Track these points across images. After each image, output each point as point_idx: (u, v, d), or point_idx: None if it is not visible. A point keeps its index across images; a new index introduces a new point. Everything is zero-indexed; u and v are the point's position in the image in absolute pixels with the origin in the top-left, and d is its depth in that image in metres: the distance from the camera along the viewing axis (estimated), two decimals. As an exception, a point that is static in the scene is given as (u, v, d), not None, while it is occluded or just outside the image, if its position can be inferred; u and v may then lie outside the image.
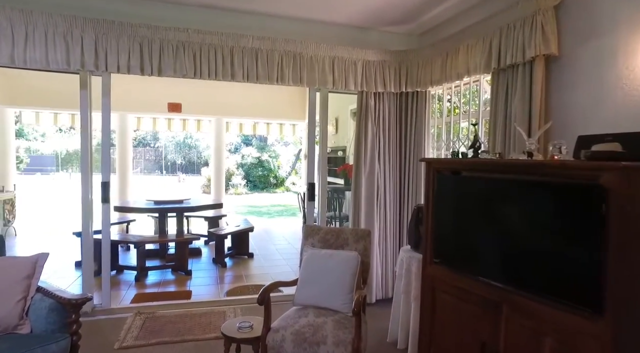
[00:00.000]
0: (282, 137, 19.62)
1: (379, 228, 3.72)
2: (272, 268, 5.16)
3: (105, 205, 3.35)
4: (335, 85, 3.53)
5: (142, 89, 7.12)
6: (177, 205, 5.03)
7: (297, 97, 8.10)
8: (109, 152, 3.37)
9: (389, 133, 3.75)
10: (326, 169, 3.89)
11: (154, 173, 30.26)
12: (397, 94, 3.75)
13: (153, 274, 4.70)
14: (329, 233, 2.76)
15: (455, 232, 2.05)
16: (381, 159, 3.72)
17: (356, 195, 3.69)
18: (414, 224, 2.83)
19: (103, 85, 3.24)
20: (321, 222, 3.85)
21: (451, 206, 2.07)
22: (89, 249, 3.30)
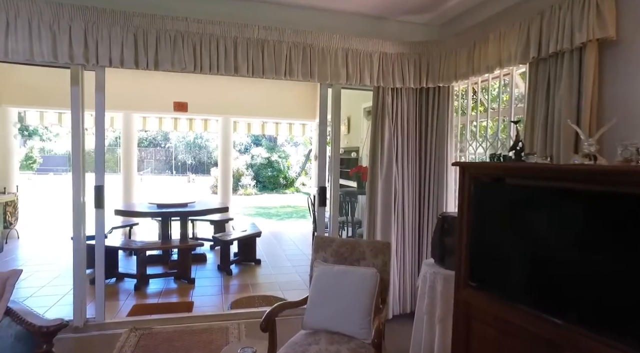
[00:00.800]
0: (292, 138, 19.38)
1: (397, 237, 3.39)
2: (280, 276, 4.86)
3: (99, 211, 3.09)
4: (349, 80, 3.21)
5: (147, 88, 6.90)
6: (181, 209, 4.76)
7: (306, 95, 7.80)
8: (103, 153, 3.10)
9: (407, 133, 3.41)
10: (338, 171, 3.57)
11: (164, 173, 30.32)
12: (417, 89, 3.42)
13: (154, 282, 4.44)
14: (343, 246, 2.44)
15: (498, 251, 1.71)
16: (399, 161, 3.39)
17: (372, 200, 3.37)
18: (439, 235, 2.50)
19: (97, 81, 2.98)
20: (332, 230, 3.53)
21: (493, 219, 1.73)
22: (81, 258, 3.04)
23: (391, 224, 3.33)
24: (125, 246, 4.23)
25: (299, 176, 22.79)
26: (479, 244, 1.78)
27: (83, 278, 3.06)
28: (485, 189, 1.74)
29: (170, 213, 4.80)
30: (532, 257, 1.57)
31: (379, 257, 2.36)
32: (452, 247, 2.40)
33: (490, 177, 1.73)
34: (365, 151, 5.55)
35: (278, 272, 5.06)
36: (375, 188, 3.36)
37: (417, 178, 3.47)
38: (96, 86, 2.99)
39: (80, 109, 2.94)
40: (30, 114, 7.53)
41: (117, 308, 3.74)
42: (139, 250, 4.24)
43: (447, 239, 2.44)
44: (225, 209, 5.11)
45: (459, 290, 1.88)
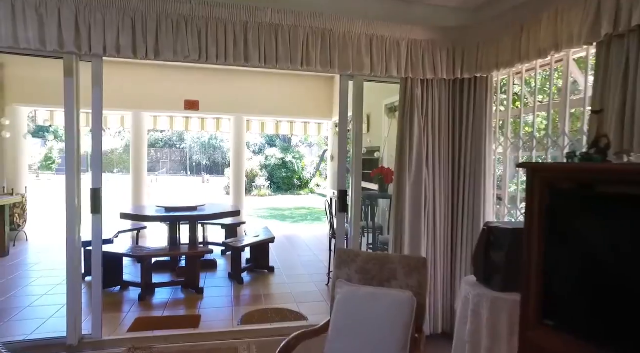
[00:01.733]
0: (306, 138, 19.06)
1: (427, 248, 3.00)
2: (295, 286, 4.51)
3: (96, 217, 2.79)
4: (373, 71, 2.84)
5: (157, 86, 6.66)
6: (190, 213, 4.46)
7: (323, 92, 7.45)
8: (100, 153, 2.81)
9: (439, 130, 3.02)
10: (360, 174, 3.19)
11: (179, 174, 30.44)
12: (450, 81, 3.02)
13: (160, 292, 4.14)
14: (370, 262, 2.07)
15: (587, 282, 1.30)
16: (429, 162, 3.00)
17: (398, 207, 2.98)
18: (483, 250, 2.10)
19: (93, 74, 2.68)
20: (353, 239, 3.16)
21: (578, 239, 1.32)
22: (75, 268, 2.74)
23: (421, 234, 2.94)
24: (129, 253, 3.95)
25: (313, 177, 22.48)
26: (558, 270, 1.38)
27: (77, 291, 2.76)
28: (565, 198, 1.34)
29: (178, 218, 4.51)
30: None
31: (414, 276, 1.98)
32: (501, 264, 2.01)
33: (572, 182, 1.33)
34: (386, 151, 5.16)
35: (293, 281, 4.71)
36: (402, 194, 2.97)
37: (450, 182, 3.07)
38: (93, 79, 2.69)
39: (75, 104, 2.64)
40: (41, 113, 7.40)
41: (118, 320, 3.45)
42: (143, 257, 3.94)
43: (494, 255, 2.04)
44: (236, 213, 4.80)
45: (528, 329, 1.48)
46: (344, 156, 3.21)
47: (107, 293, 4.06)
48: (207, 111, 6.99)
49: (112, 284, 4.16)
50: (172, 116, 7.22)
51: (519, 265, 1.97)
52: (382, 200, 5.09)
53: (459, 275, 2.98)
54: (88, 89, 2.64)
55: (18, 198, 5.81)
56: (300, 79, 7.29)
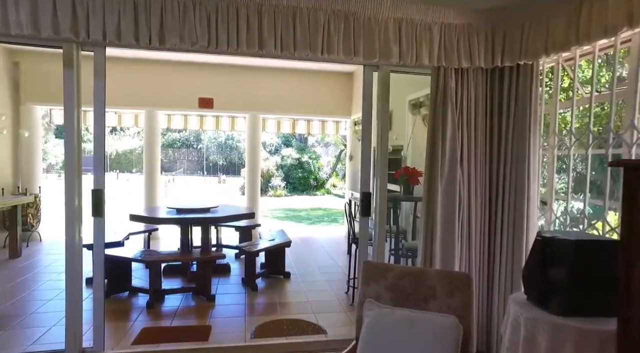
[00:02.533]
0: (324, 137, 18.78)
1: (461, 259, 2.67)
2: (312, 294, 4.22)
3: (98, 220, 2.57)
4: (402, 59, 2.53)
5: (170, 83, 6.49)
6: (202, 215, 4.23)
7: (341, 89, 7.16)
8: (103, 151, 2.59)
9: (475, 126, 2.69)
10: (386, 175, 2.89)
11: (196, 174, 30.61)
12: (488, 70, 2.69)
13: (170, 299, 3.92)
14: (403, 277, 1.77)
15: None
16: (464, 162, 2.67)
17: (429, 213, 2.66)
18: (539, 265, 1.77)
19: (95, 64, 2.46)
20: (377, 249, 2.86)
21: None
22: (74, 274, 2.51)
23: (454, 243, 2.61)
24: (137, 257, 3.74)
25: (329, 178, 22.19)
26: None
27: (77, 299, 2.54)
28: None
29: (189, 220, 4.28)
30: None
31: (456, 296, 1.67)
32: (562, 283, 1.67)
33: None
34: (410, 150, 4.83)
35: (310, 288, 4.42)
36: (433, 198, 2.65)
37: (487, 184, 2.73)
38: (95, 70, 2.47)
39: (75, 98, 2.43)
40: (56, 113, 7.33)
41: (124, 331, 3.23)
42: (152, 262, 3.73)
43: (553, 272, 1.71)
44: (251, 215, 4.54)
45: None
46: (368, 156, 2.92)
47: (114, 300, 3.87)
48: (221, 109, 6.79)
49: (120, 290, 3.97)
50: (186, 114, 7.05)
51: (587, 285, 1.64)
52: (405, 204, 4.76)
53: (497, 290, 2.64)
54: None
55: (31, 198, 5.70)
56: (317, 75, 7.02)
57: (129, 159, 30.08)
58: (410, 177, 3.97)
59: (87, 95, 2.52)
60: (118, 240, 4.41)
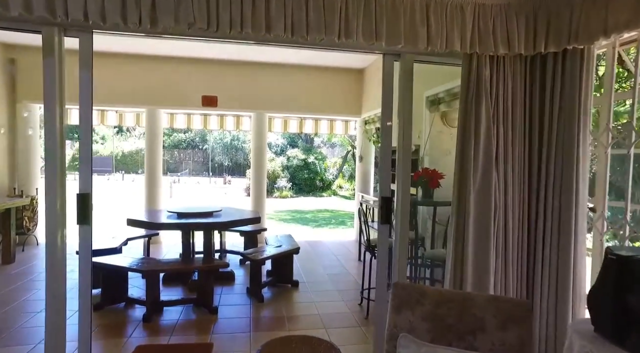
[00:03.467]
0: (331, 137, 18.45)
1: (496, 273, 2.33)
2: (323, 305, 3.90)
3: (85, 228, 2.26)
4: (430, 44, 2.20)
5: (172, 80, 6.21)
6: (204, 220, 3.93)
7: (351, 87, 6.84)
8: (90, 150, 2.28)
9: (512, 121, 2.35)
10: (409, 177, 2.56)
11: (201, 175, 30.44)
12: (528, 58, 2.35)
13: (169, 311, 3.62)
14: (443, 304, 1.44)
15: None
16: (500, 162, 2.33)
17: (459, 220, 2.32)
18: (612, 290, 1.43)
19: (81, 53, 2.16)
20: (399, 263, 2.53)
21: None
22: (57, 291, 2.21)
23: (489, 258, 2.27)
24: (133, 266, 3.43)
25: (336, 179, 21.87)
26: None
27: (60, 317, 2.23)
28: None
29: (190, 225, 3.98)
30: None
31: (512, 329, 1.33)
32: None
33: None
34: (428, 150, 4.49)
35: (320, 298, 4.10)
36: (464, 204, 2.31)
37: (526, 188, 2.38)
38: (80, 60, 2.16)
39: (57, 91, 2.12)
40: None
41: (117, 348, 2.93)
42: (149, 272, 3.42)
43: (634, 300, 1.37)
44: (256, 220, 4.24)
45: None
46: (388, 156, 2.59)
47: (109, 311, 3.57)
48: (226, 108, 6.50)
49: (115, 300, 3.67)
50: (189, 113, 6.76)
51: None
52: (422, 208, 4.42)
53: (539, 312, 2.28)
54: (68, 84, 2.11)
55: (26, 200, 5.44)
56: (326, 72, 6.70)
57: (134, 159, 29.97)
58: (430, 180, 3.64)
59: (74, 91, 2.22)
60: (115, 247, 4.12)
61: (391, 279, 2.59)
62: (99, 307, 3.56)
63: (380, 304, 2.55)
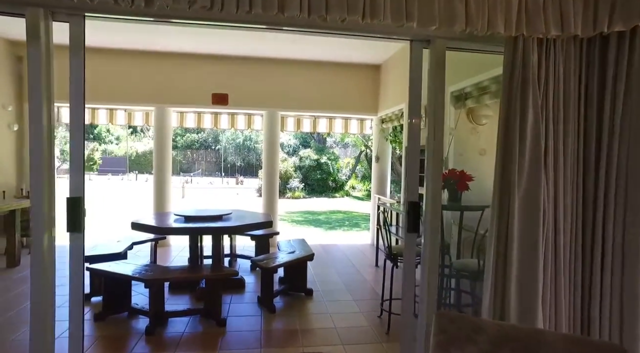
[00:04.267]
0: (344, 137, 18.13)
1: (544, 294, 1.99)
2: (339, 318, 3.60)
3: (76, 236, 2.02)
4: (469, 25, 1.89)
5: (181, 78, 5.99)
6: (212, 225, 3.67)
7: (367, 84, 6.53)
8: (82, 150, 2.03)
9: (565, 115, 2.01)
10: (440, 180, 2.26)
11: (214, 175, 30.46)
12: (584, 40, 2.01)
13: (174, 323, 3.37)
14: (503, 343, 1.13)
15: None
16: (549, 163, 2.00)
17: (500, 234, 2.00)
18: None
19: (72, 37, 1.92)
20: (428, 281, 2.21)
21: None
22: (45, 305, 1.97)
23: (537, 278, 1.93)
24: (136, 275, 3.19)
25: (348, 179, 21.54)
26: None
27: (47, 333, 1.99)
28: None
29: (198, 230, 3.73)
30: None
31: (597, 383, 1.01)
32: None
33: None
34: (453, 150, 4.15)
35: (336, 309, 3.80)
36: (506, 212, 1.98)
37: (582, 194, 2.04)
38: (70, 46, 1.92)
39: (43, 81, 1.88)
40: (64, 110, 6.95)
41: (116, 366, 2.69)
42: (152, 282, 3.18)
43: None
44: (268, 224, 3.96)
45: None
46: (416, 156, 2.29)
47: (111, 322, 3.35)
48: (237, 106, 6.26)
49: (118, 310, 3.44)
50: (199, 112, 6.54)
51: None
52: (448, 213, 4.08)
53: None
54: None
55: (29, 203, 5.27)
56: (341, 68, 6.41)
57: (148, 159, 30.16)
58: (458, 182, 3.32)
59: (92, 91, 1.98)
60: (119, 252, 3.89)
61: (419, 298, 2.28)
62: (101, 317, 3.33)
63: (406, 329, 2.25)
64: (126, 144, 32.91)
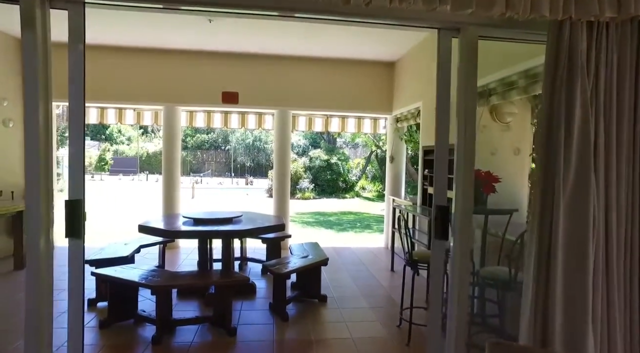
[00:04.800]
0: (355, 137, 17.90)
1: (594, 312, 1.76)
2: (356, 327, 3.40)
3: (75, 243, 1.86)
4: (510, 8, 1.68)
5: (190, 76, 5.86)
6: (222, 228, 3.50)
7: (381, 81, 6.32)
8: (82, 150, 1.87)
9: (618, 111, 1.79)
10: (472, 182, 2.05)
11: (223, 175, 30.49)
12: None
13: (182, 331, 3.20)
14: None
15: None
16: (600, 164, 1.77)
17: (542, 241, 1.78)
18: None
19: (70, 29, 1.77)
20: (459, 290, 2.01)
21: None
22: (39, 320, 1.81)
23: (587, 302, 1.70)
24: (142, 281, 3.04)
25: (359, 180, 21.30)
26: None
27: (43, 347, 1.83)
28: None
29: (208, 234, 3.57)
30: None
31: None
32: None
33: None
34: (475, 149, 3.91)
35: (352, 318, 3.60)
36: (548, 222, 1.76)
37: (638, 198, 1.81)
38: (70, 37, 1.77)
39: (40, 74, 1.72)
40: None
41: (121, 379, 2.53)
42: (159, 289, 3.02)
43: None
44: (280, 227, 3.79)
45: None
46: (445, 156, 2.09)
47: (117, 329, 3.20)
48: (247, 105, 6.10)
49: (124, 317, 3.29)
50: (208, 111, 6.40)
51: None
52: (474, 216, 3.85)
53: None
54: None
55: (39, 203, 5.18)
56: (354, 65, 6.21)
57: (158, 160, 30.27)
58: (485, 184, 3.09)
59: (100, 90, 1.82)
60: (126, 256, 3.75)
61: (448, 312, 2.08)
62: (106, 324, 3.19)
63: (433, 344, 2.05)
64: (137, 145, 33.14)
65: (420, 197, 5.13)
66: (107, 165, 30.31)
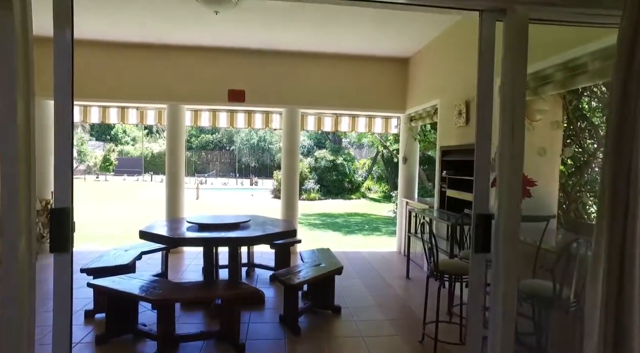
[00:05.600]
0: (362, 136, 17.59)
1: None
2: (375, 343, 3.12)
3: (62, 259, 1.60)
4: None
5: (196, 74, 5.61)
6: (229, 234, 3.24)
7: (394, 79, 6.04)
8: (70, 152, 1.62)
9: (700, 103, 1.50)
10: (520, 187, 1.77)
11: (228, 176, 30.31)
12: None
13: (186, 347, 2.94)
14: None
15: None
16: (679, 166, 1.49)
17: (611, 263, 1.50)
18: None
19: (55, 10, 1.51)
20: (503, 306, 1.73)
21: None
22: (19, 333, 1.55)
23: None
24: (141, 294, 2.77)
25: (365, 181, 21.01)
26: None
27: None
28: None
29: (213, 241, 3.30)
30: None
31: None
32: None
33: None
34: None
35: (369, 332, 3.32)
36: (620, 235, 1.48)
37: None
38: (55, 18, 1.52)
39: (20, 61, 1.46)
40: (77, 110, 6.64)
41: (117, 406, 2.27)
42: (160, 302, 2.75)
43: None
44: (291, 233, 3.52)
45: None
46: (487, 156, 1.81)
47: (114, 345, 2.94)
48: (254, 103, 5.84)
49: (122, 331, 3.03)
50: (214, 110, 6.14)
51: None
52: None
53: None
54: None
55: (38, 205, 4.96)
56: (366, 62, 5.94)
57: (163, 160, 30.15)
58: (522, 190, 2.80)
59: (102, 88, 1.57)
60: (126, 264, 3.50)
61: (489, 334, 1.80)
62: (103, 340, 2.93)
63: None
64: (142, 145, 33.04)
65: (437, 200, 4.84)
66: (111, 166, 30.22)
